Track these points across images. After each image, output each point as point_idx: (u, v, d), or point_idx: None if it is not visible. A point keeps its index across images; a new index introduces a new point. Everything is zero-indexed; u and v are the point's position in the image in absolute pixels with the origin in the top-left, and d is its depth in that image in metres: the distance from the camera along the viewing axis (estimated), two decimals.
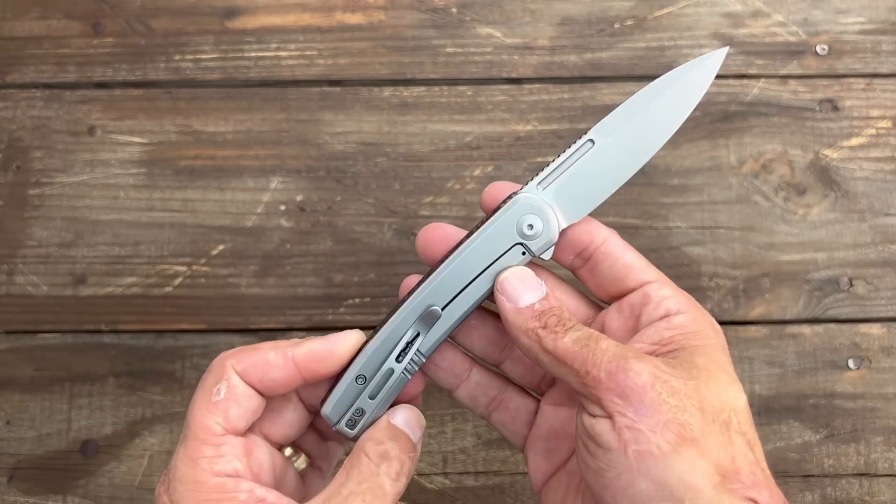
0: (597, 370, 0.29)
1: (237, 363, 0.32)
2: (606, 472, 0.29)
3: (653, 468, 0.28)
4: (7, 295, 0.48)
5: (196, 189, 0.49)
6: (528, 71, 0.51)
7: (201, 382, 0.32)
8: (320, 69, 0.51)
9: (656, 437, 0.28)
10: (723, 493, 0.27)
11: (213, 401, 0.31)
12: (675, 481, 0.27)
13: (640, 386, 0.28)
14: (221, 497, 0.30)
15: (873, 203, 0.49)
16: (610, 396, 0.29)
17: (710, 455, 0.28)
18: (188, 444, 0.31)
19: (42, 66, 0.51)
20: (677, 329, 0.32)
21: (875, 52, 0.51)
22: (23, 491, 0.45)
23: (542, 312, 0.32)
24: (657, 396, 0.28)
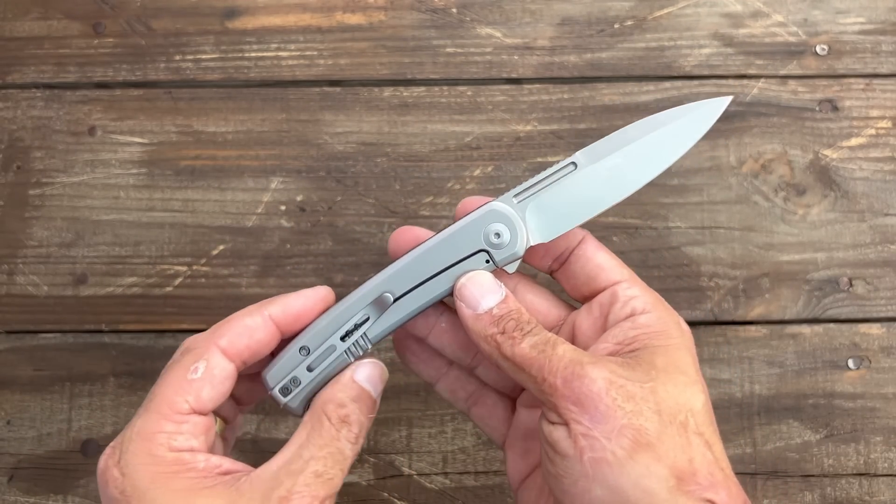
0: (553, 377, 0.29)
1: (219, 338, 0.31)
2: (564, 478, 0.29)
3: (608, 475, 0.28)
4: (8, 295, 0.48)
5: (196, 189, 0.49)
6: (528, 71, 0.51)
7: (175, 360, 0.31)
8: (320, 69, 0.51)
9: (611, 444, 0.28)
10: (678, 495, 0.27)
11: (187, 378, 0.30)
12: (631, 487, 0.27)
13: (594, 392, 0.29)
14: (179, 469, 0.29)
15: (873, 203, 0.49)
16: (565, 404, 0.29)
17: (666, 458, 0.28)
18: (148, 418, 0.30)
19: (43, 66, 0.51)
20: (641, 328, 0.32)
21: (875, 52, 0.51)
22: (23, 491, 0.45)
23: (500, 317, 0.32)
24: (612, 402, 0.28)
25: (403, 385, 0.46)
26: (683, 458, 0.28)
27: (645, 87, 0.50)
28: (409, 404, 0.46)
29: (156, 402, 0.30)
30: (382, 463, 0.46)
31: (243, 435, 0.46)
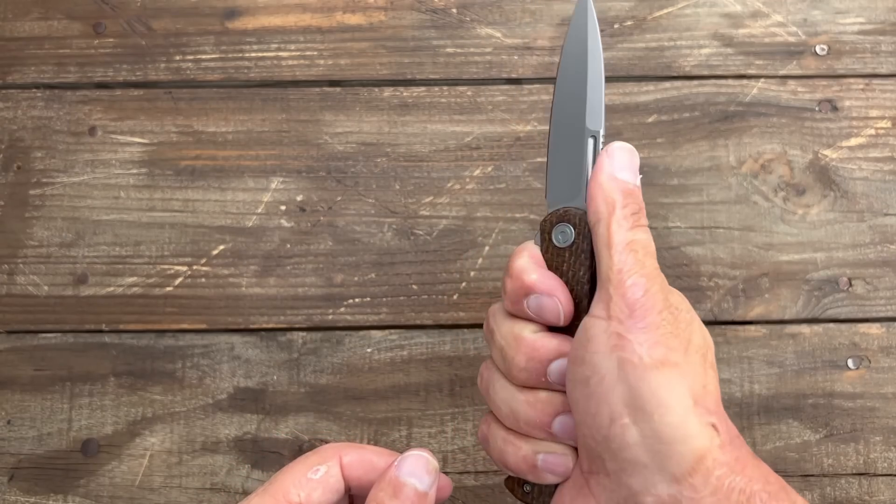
0: (625, 276, 0.30)
1: (346, 453, 0.33)
2: (591, 378, 0.30)
3: (630, 376, 0.29)
4: (8, 295, 0.48)
5: (197, 189, 0.49)
6: (527, 71, 0.51)
7: (303, 456, 0.33)
8: (320, 69, 0.51)
9: (642, 349, 0.29)
10: (690, 414, 0.29)
11: (307, 476, 0.32)
12: (649, 395, 0.29)
13: (648, 307, 0.30)
14: None
15: (872, 203, 0.49)
16: (619, 302, 0.30)
17: (686, 379, 0.29)
18: (263, 499, 0.32)
19: (43, 66, 0.51)
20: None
21: (874, 52, 0.51)
22: (23, 490, 0.45)
23: (629, 193, 0.32)
24: (660, 321, 0.30)
25: (403, 385, 0.47)
26: (699, 383, 0.30)
27: (644, 87, 0.51)
28: (409, 404, 0.46)
29: (274, 487, 0.32)
30: None
31: (243, 434, 0.46)
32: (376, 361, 0.47)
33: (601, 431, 0.30)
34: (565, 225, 0.34)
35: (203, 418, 0.46)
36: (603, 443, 0.30)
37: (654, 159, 0.50)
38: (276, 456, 0.46)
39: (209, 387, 0.47)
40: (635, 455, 0.29)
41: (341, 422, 0.46)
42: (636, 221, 0.32)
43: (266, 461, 0.45)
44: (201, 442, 0.46)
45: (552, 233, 0.34)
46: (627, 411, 0.29)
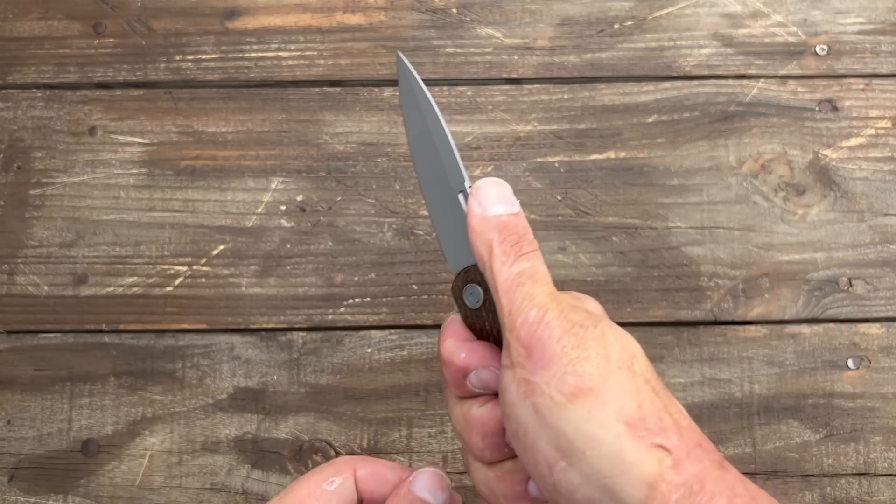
0: (516, 315, 0.29)
1: (361, 467, 0.33)
2: (518, 430, 0.29)
3: (549, 419, 0.27)
4: (8, 295, 0.48)
5: (197, 189, 0.49)
6: (527, 71, 0.51)
7: (318, 468, 0.34)
8: (321, 69, 0.51)
9: (550, 388, 0.27)
10: (627, 440, 0.27)
11: (322, 487, 0.33)
12: (573, 432, 0.27)
13: (545, 339, 0.28)
14: None
15: (872, 203, 0.49)
16: (517, 345, 0.29)
17: (612, 404, 0.27)
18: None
19: (43, 66, 0.51)
20: None
21: (874, 52, 0.51)
22: (23, 490, 0.45)
23: (505, 226, 0.31)
24: (560, 350, 0.28)
25: (403, 385, 0.47)
26: (632, 403, 0.27)
27: (645, 88, 0.51)
28: (409, 404, 0.46)
29: (290, 497, 0.32)
30: None
31: (243, 434, 0.46)
32: (376, 361, 0.47)
33: (546, 481, 0.28)
34: (472, 286, 0.33)
35: (203, 418, 0.46)
36: (554, 491, 0.28)
37: (654, 159, 0.50)
38: (276, 456, 0.46)
39: (209, 387, 0.47)
40: (587, 495, 0.27)
41: (341, 422, 0.46)
42: (518, 252, 0.30)
43: (266, 461, 0.45)
44: (201, 442, 0.46)
45: (463, 296, 0.33)
46: (560, 455, 0.27)
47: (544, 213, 0.49)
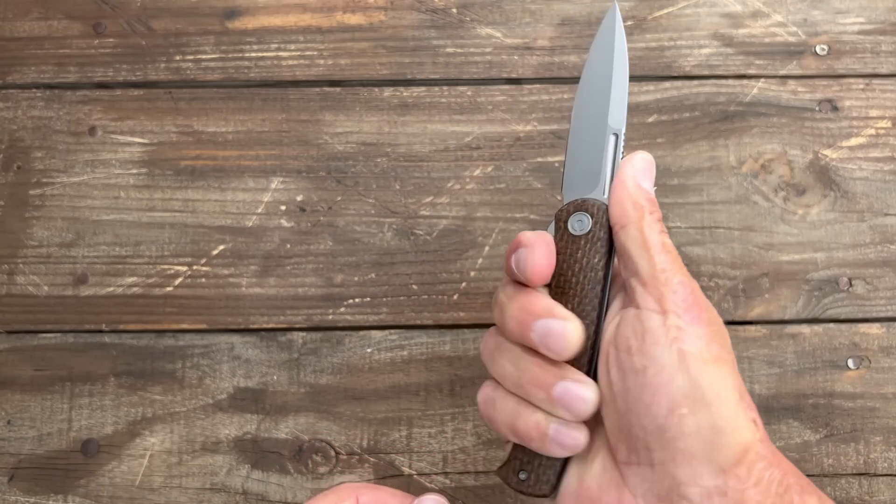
0: (670, 275, 0.32)
1: (363, 493, 0.35)
2: (648, 368, 0.31)
3: (692, 368, 0.30)
4: (8, 295, 0.48)
5: (196, 189, 0.49)
6: (528, 71, 0.51)
7: (321, 494, 0.35)
8: (320, 69, 0.51)
9: (700, 343, 0.30)
10: (739, 408, 0.30)
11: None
12: (708, 386, 0.30)
13: (699, 305, 0.31)
14: None
15: (872, 203, 0.49)
16: (672, 297, 0.31)
17: (734, 375, 0.31)
18: None
19: (43, 66, 0.51)
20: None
21: (874, 52, 0.51)
22: (23, 491, 0.45)
23: (653, 201, 0.33)
24: (708, 319, 0.31)
25: (403, 385, 0.46)
26: (740, 381, 0.31)
27: (645, 87, 0.51)
28: (409, 404, 0.46)
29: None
30: (382, 463, 0.46)
31: (243, 434, 0.46)
32: (376, 361, 0.47)
33: (656, 421, 0.30)
34: (583, 214, 0.34)
35: (203, 418, 0.46)
36: (655, 432, 0.30)
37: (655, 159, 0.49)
38: (276, 456, 0.46)
39: (209, 387, 0.47)
40: (688, 445, 0.30)
41: (341, 422, 0.46)
42: (662, 228, 0.33)
43: (266, 461, 0.45)
44: (201, 442, 0.46)
45: (569, 221, 0.35)
46: (686, 402, 0.30)
47: (544, 213, 0.49)
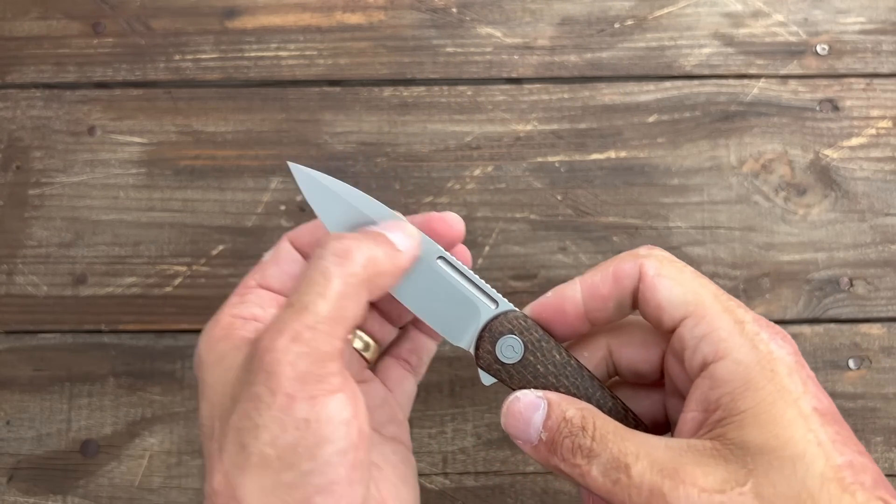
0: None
1: (291, 232, 0.33)
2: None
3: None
4: (7, 295, 0.48)
5: (196, 189, 0.49)
6: (528, 71, 0.51)
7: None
8: (320, 69, 0.51)
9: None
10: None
11: (259, 263, 0.32)
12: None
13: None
14: (227, 333, 0.29)
15: (873, 203, 0.49)
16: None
17: None
18: (231, 299, 0.31)
19: (42, 66, 0.51)
20: (720, 388, 0.26)
21: (875, 52, 0.51)
22: (22, 491, 0.45)
23: (552, 442, 0.28)
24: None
25: None
26: None
27: (645, 87, 0.50)
28: None
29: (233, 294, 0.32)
30: None
31: None
32: None
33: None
34: (510, 337, 0.31)
35: None
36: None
37: (655, 159, 0.49)
38: None
39: None
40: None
41: None
42: (584, 460, 0.27)
43: None
44: (201, 442, 0.46)
45: (496, 347, 0.31)
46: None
47: (544, 213, 0.49)
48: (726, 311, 0.28)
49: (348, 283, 0.27)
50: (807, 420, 0.25)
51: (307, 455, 0.25)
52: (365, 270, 0.27)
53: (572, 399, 0.29)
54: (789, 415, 0.25)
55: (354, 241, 0.28)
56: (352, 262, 0.27)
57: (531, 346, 0.31)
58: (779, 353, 0.26)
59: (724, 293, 0.29)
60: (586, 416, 0.28)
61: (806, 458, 0.24)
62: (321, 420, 0.25)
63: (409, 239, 0.30)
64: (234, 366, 0.27)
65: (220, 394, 0.27)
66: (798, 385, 0.26)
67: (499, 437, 0.46)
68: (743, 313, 0.28)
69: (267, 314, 0.30)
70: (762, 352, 0.26)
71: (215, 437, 0.26)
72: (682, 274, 0.30)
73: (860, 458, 0.25)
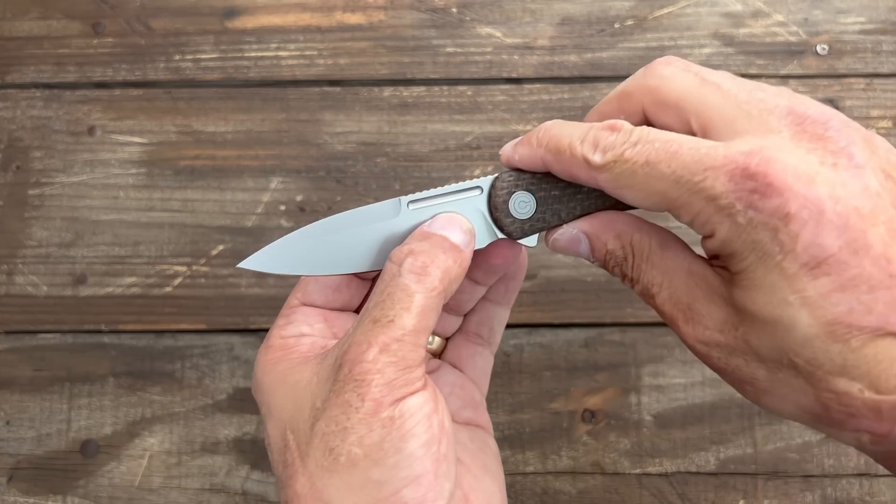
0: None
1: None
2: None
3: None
4: (7, 295, 0.48)
5: (196, 189, 0.49)
6: (528, 71, 0.51)
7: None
8: (320, 69, 0.51)
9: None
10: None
11: (301, 280, 0.33)
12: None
13: None
14: (283, 353, 0.31)
15: None
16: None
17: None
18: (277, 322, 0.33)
19: (42, 65, 0.51)
20: (714, 252, 0.27)
21: (875, 51, 0.51)
22: (22, 491, 0.45)
23: (603, 265, 0.30)
24: None
25: None
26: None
27: None
28: None
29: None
30: None
31: (243, 435, 0.46)
32: None
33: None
34: (522, 193, 0.31)
35: (202, 419, 0.46)
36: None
37: None
38: None
39: (208, 387, 0.46)
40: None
41: None
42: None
43: (265, 462, 0.45)
44: (200, 442, 0.46)
45: (511, 208, 0.31)
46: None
47: None
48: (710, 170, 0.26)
49: (429, 296, 0.28)
50: (791, 280, 0.25)
51: (392, 449, 0.26)
52: (442, 283, 0.29)
53: (606, 223, 0.30)
54: (770, 280, 0.25)
55: (427, 256, 0.29)
56: (430, 277, 0.28)
57: (532, 188, 0.31)
58: (758, 218, 0.25)
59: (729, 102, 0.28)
60: (625, 246, 0.30)
61: (784, 321, 0.25)
62: (404, 416, 0.27)
63: (466, 234, 0.31)
64: (303, 381, 0.29)
65: (293, 409, 0.29)
66: (786, 244, 0.25)
67: (498, 437, 0.46)
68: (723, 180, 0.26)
69: (315, 330, 0.32)
70: (740, 224, 0.25)
71: (292, 447, 0.28)
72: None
73: (867, 296, 0.24)
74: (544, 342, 0.47)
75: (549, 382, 0.46)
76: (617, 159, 0.27)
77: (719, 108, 0.27)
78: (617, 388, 0.46)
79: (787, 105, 0.27)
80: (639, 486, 0.45)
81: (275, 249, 0.32)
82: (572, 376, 0.46)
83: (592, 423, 0.46)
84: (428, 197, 0.32)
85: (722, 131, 0.27)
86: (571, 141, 0.29)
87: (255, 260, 0.31)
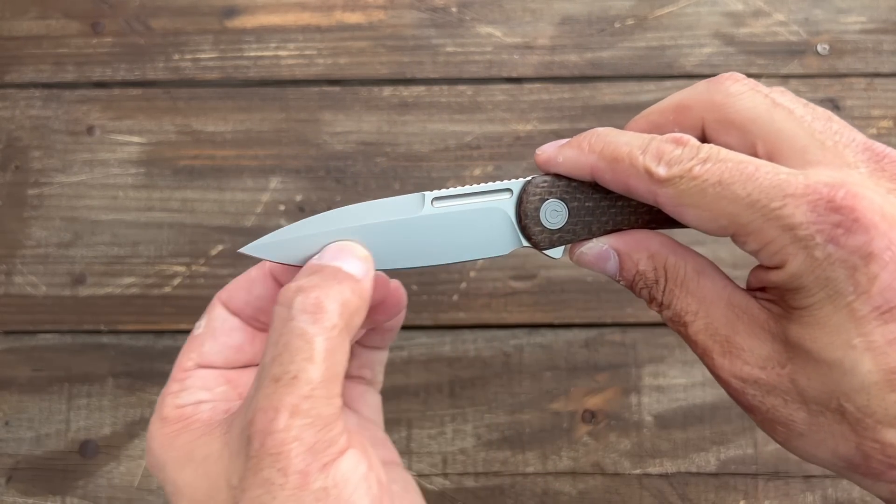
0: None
1: (223, 292, 0.30)
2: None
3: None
4: (6, 295, 0.48)
5: (195, 189, 0.49)
6: (528, 70, 0.51)
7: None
8: (320, 69, 0.51)
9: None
10: None
11: (193, 335, 0.29)
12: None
13: None
14: (182, 425, 0.27)
15: None
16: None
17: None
18: (169, 387, 0.29)
19: (41, 65, 0.51)
20: (776, 284, 0.26)
21: (876, 51, 0.51)
22: (21, 492, 0.45)
23: (629, 286, 0.29)
24: None
25: (403, 386, 0.46)
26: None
27: (646, 87, 0.50)
28: (408, 405, 0.46)
29: (173, 369, 0.30)
30: None
31: None
32: None
33: None
34: (554, 201, 0.30)
35: None
36: None
37: None
38: None
39: None
40: None
41: None
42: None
43: None
44: None
45: (541, 218, 0.29)
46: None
47: None
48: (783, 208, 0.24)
49: (331, 338, 0.25)
50: (859, 323, 0.24)
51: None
52: (342, 318, 0.25)
53: (639, 241, 0.29)
54: (836, 320, 0.24)
55: (320, 291, 0.25)
56: (326, 314, 0.25)
57: (566, 197, 0.30)
58: (838, 254, 0.23)
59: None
60: (658, 268, 0.28)
61: (844, 364, 0.24)
62: (339, 484, 0.24)
63: (362, 262, 0.28)
64: (213, 454, 0.26)
65: (208, 487, 0.25)
66: (861, 284, 0.23)
67: (498, 437, 0.46)
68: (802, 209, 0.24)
69: (216, 394, 0.29)
70: (817, 258, 0.24)
71: None
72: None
73: None
74: (544, 342, 0.47)
75: (550, 383, 0.46)
76: (684, 174, 0.26)
77: (792, 134, 0.26)
78: (617, 388, 0.46)
79: (863, 140, 0.26)
80: (639, 486, 0.45)
81: (280, 236, 0.29)
82: (572, 377, 0.46)
83: (593, 423, 0.46)
84: (453, 195, 0.30)
85: (792, 159, 0.25)
86: (632, 150, 0.27)
87: (257, 246, 0.28)
